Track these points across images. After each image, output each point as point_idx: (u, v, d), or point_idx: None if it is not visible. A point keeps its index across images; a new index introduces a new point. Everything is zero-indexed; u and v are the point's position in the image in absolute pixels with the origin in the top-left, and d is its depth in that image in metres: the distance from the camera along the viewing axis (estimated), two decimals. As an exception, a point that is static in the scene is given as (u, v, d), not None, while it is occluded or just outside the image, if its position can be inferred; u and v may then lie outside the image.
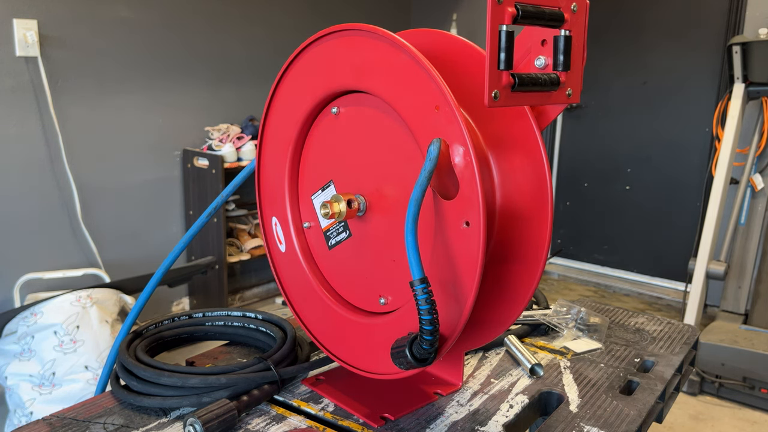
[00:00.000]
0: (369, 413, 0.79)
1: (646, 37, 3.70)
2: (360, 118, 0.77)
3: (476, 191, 0.63)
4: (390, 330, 0.74)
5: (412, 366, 0.66)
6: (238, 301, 3.51)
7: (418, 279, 0.62)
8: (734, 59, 2.89)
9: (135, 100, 2.95)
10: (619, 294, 3.88)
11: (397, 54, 0.68)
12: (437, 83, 0.65)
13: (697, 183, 3.58)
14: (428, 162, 0.64)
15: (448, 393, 0.85)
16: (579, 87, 0.69)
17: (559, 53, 0.66)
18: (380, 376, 0.76)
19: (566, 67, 0.66)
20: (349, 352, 0.81)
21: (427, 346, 0.64)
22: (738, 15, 3.30)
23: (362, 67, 0.72)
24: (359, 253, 0.80)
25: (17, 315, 2.20)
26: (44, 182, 2.67)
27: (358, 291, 0.81)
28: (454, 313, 0.67)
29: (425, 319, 0.63)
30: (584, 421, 0.79)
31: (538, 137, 0.72)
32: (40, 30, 2.56)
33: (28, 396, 2.14)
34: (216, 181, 3.05)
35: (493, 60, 0.60)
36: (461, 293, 0.67)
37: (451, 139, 0.65)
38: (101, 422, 0.77)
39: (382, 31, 0.69)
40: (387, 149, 0.74)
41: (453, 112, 0.63)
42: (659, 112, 3.72)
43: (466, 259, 0.66)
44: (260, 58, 3.47)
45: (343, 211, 0.76)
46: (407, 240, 0.63)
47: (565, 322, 1.08)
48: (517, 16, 0.60)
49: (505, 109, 0.73)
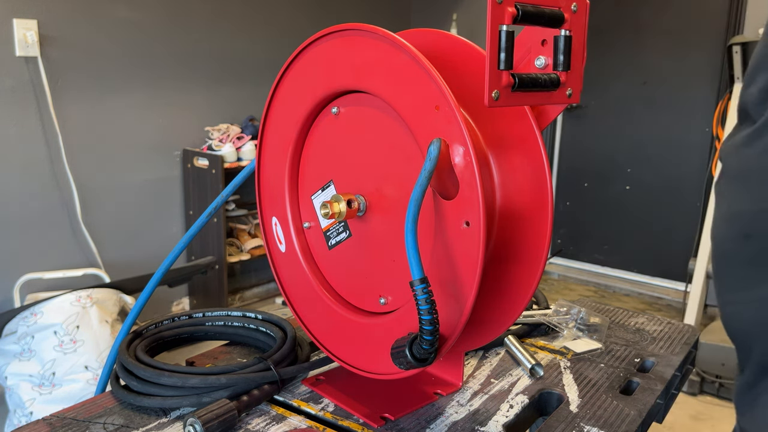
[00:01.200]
0: (369, 413, 0.79)
1: (646, 37, 3.70)
2: (360, 118, 0.77)
3: (476, 191, 0.63)
4: (390, 330, 0.74)
5: (412, 366, 0.66)
6: (238, 301, 3.51)
7: (418, 279, 0.62)
8: (734, 59, 2.89)
9: (135, 99, 2.95)
10: (619, 294, 3.88)
11: (397, 54, 0.68)
12: (437, 83, 0.64)
13: (697, 183, 3.58)
14: (428, 162, 0.64)
15: (449, 393, 0.85)
16: (579, 87, 0.69)
17: (560, 53, 0.66)
18: (380, 376, 0.76)
19: (566, 67, 0.66)
20: (349, 352, 0.81)
21: (427, 346, 0.64)
22: (738, 15, 3.30)
23: (362, 67, 0.72)
24: (359, 253, 0.80)
25: (17, 315, 2.20)
26: (44, 182, 2.67)
27: (358, 291, 0.81)
28: (454, 313, 0.67)
29: (425, 319, 0.63)
30: (584, 421, 0.79)
31: (538, 137, 0.72)
32: (40, 30, 2.56)
33: (28, 396, 2.14)
34: (216, 181, 3.05)
35: (493, 60, 0.60)
36: (461, 293, 0.67)
37: (451, 139, 0.65)
38: (101, 422, 0.77)
39: (382, 30, 0.69)
40: (387, 149, 0.74)
41: (453, 112, 0.63)
42: (659, 112, 3.72)
43: (466, 259, 0.66)
44: (260, 57, 3.47)
45: (343, 211, 0.76)
46: (407, 240, 0.63)
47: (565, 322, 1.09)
48: (517, 16, 0.60)
49: (506, 109, 0.73)
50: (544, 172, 0.72)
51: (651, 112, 3.75)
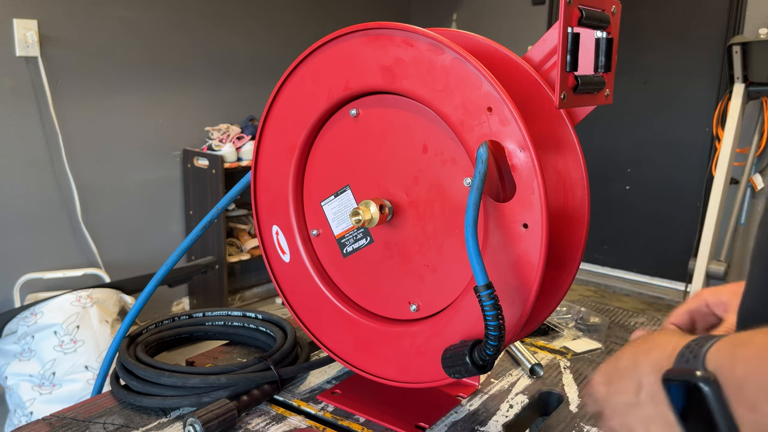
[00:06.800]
0: (403, 424, 0.77)
1: (646, 37, 3.70)
2: (384, 119, 0.73)
3: (536, 193, 0.62)
4: (428, 337, 0.72)
5: (471, 373, 0.64)
6: (238, 301, 3.51)
7: (484, 285, 0.61)
8: (734, 59, 2.89)
9: (135, 100, 2.95)
10: (619, 294, 3.88)
11: (440, 54, 0.65)
12: (493, 84, 0.62)
13: (697, 183, 3.58)
14: (481, 165, 0.62)
15: (469, 395, 0.84)
16: (612, 88, 0.70)
17: (602, 55, 0.66)
18: (414, 385, 0.73)
19: (608, 69, 0.67)
20: (372, 361, 0.78)
21: (491, 352, 0.62)
22: (738, 15, 3.30)
23: (394, 68, 0.69)
24: (383, 260, 0.76)
25: (17, 315, 2.20)
26: (44, 182, 2.67)
27: (381, 299, 0.78)
28: (511, 316, 0.66)
29: (492, 324, 0.61)
30: (584, 421, 0.79)
31: (575, 139, 0.71)
32: (40, 30, 2.56)
33: (28, 396, 2.14)
34: (216, 181, 3.05)
35: (563, 62, 0.60)
36: (518, 296, 0.65)
37: (505, 141, 0.63)
38: (101, 422, 0.77)
39: (422, 30, 0.66)
40: (417, 151, 0.71)
41: (511, 113, 0.62)
42: (659, 112, 3.72)
43: (524, 262, 0.64)
44: (261, 57, 3.47)
45: (376, 218, 0.72)
46: (469, 245, 0.61)
47: (565, 322, 1.09)
48: (581, 18, 0.61)
49: (544, 110, 0.71)
50: (582, 173, 0.71)
51: (651, 112, 3.75)
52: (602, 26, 0.65)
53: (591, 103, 0.67)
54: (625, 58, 3.80)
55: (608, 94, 0.69)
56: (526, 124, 0.62)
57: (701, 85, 3.56)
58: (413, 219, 0.73)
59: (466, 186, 0.68)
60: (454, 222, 0.70)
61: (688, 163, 3.65)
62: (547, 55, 0.70)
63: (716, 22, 3.45)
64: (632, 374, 0.48)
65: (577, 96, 0.64)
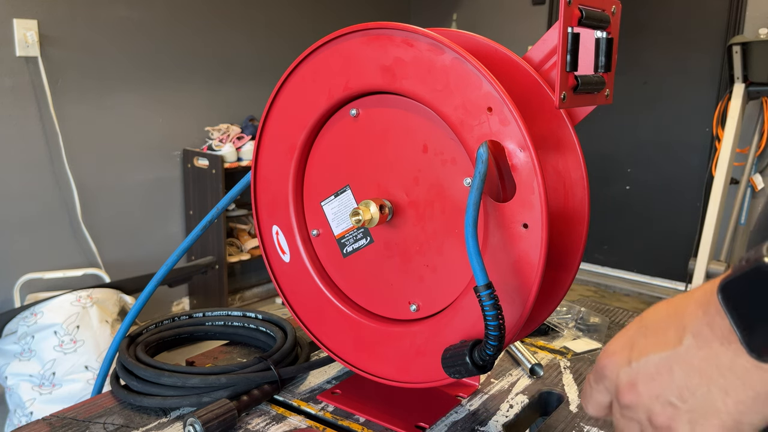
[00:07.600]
0: (404, 425, 0.77)
1: (646, 37, 3.70)
2: (384, 119, 0.73)
3: (536, 193, 0.62)
4: (428, 337, 0.72)
5: (471, 373, 0.64)
6: (238, 301, 3.51)
7: (484, 285, 0.60)
8: (734, 59, 2.89)
9: (135, 99, 2.95)
10: (619, 294, 3.88)
11: (440, 54, 0.65)
12: (493, 84, 0.62)
13: (697, 183, 3.58)
14: (481, 165, 0.62)
15: (469, 395, 0.84)
16: (612, 88, 0.70)
17: (602, 55, 0.66)
18: (414, 385, 0.73)
19: (608, 69, 0.67)
20: (372, 361, 0.78)
21: (491, 352, 0.62)
22: (738, 15, 3.30)
23: (394, 68, 0.68)
24: (383, 260, 0.76)
25: (17, 315, 2.20)
26: (44, 182, 2.67)
27: (380, 298, 0.78)
28: (510, 316, 0.66)
29: (492, 324, 0.61)
30: (584, 421, 0.79)
31: (575, 138, 0.71)
32: (40, 30, 2.56)
33: (28, 396, 2.14)
34: (216, 182, 3.05)
35: (563, 62, 0.60)
36: (518, 296, 0.65)
37: (505, 141, 0.63)
38: (101, 422, 0.77)
39: (422, 30, 0.66)
40: (417, 151, 0.71)
41: (511, 113, 0.62)
42: (659, 112, 3.72)
43: (524, 262, 0.64)
44: (260, 57, 3.47)
45: (376, 218, 0.72)
46: (468, 245, 0.60)
47: (565, 322, 1.09)
48: (581, 18, 0.61)
49: (544, 110, 0.71)
50: (582, 173, 0.71)
51: (651, 112, 3.75)
52: (602, 26, 0.65)
53: (591, 103, 0.67)
54: (625, 57, 3.80)
55: (608, 94, 0.69)
56: (526, 124, 0.61)
57: (701, 85, 3.56)
58: (413, 219, 0.73)
59: (466, 186, 0.68)
60: (454, 222, 0.70)
61: (688, 163, 3.65)
62: (547, 55, 0.70)
63: (716, 22, 3.45)
64: (671, 321, 0.42)
65: (577, 96, 0.64)
